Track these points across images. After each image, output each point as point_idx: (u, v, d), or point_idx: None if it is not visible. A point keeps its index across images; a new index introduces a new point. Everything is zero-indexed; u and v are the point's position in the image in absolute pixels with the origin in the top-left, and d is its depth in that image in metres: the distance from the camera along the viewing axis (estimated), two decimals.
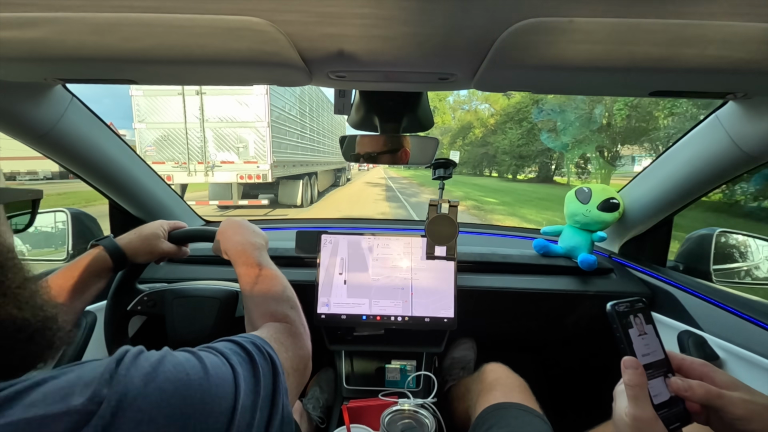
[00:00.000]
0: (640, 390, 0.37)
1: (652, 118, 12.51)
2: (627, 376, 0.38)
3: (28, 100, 0.65)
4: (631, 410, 0.37)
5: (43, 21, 0.36)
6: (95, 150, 0.84)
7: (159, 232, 0.72)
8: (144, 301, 0.79)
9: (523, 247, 1.18)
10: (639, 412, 0.36)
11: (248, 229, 0.68)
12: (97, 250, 0.65)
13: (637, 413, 0.36)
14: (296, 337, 0.51)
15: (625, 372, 0.39)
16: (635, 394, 0.37)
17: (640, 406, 0.37)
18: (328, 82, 0.52)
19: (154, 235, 0.71)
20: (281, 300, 0.56)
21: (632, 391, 0.37)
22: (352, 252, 0.99)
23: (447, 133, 38.60)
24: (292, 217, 1.54)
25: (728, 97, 0.59)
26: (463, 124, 33.88)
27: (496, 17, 0.35)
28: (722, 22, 0.34)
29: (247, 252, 0.62)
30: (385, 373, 1.02)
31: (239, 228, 0.68)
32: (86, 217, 1.11)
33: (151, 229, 0.71)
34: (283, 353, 0.45)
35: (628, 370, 0.38)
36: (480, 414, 0.75)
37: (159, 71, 0.46)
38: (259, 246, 0.65)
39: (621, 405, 0.39)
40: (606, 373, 1.18)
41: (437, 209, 0.76)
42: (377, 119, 0.66)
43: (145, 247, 0.70)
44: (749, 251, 1.12)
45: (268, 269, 0.60)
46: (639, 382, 0.38)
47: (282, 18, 0.36)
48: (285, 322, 0.52)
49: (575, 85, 0.50)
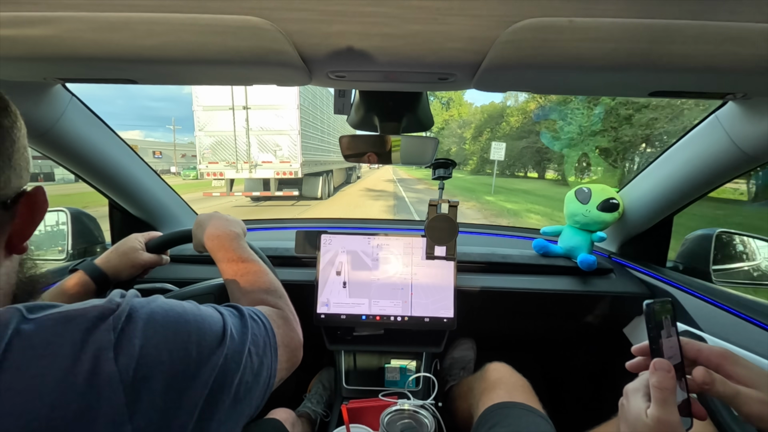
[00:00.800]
0: (670, 394, 0.36)
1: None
2: (657, 378, 0.37)
3: (28, 100, 0.65)
4: (656, 413, 0.36)
5: (42, 20, 0.36)
6: (95, 149, 0.84)
7: (136, 245, 0.72)
8: None
9: (522, 247, 1.18)
10: (666, 415, 0.36)
11: (222, 219, 0.67)
12: (77, 275, 0.65)
13: (663, 416, 0.36)
14: (287, 321, 0.52)
15: (655, 374, 0.37)
16: (664, 398, 0.36)
17: (667, 410, 0.36)
18: (328, 82, 0.52)
19: (131, 249, 0.71)
20: (269, 291, 0.56)
21: (661, 394, 0.36)
22: (351, 252, 0.99)
23: (467, 126, 35.60)
24: (292, 217, 1.54)
25: (728, 98, 0.59)
26: (490, 113, 30.74)
27: (496, 17, 0.35)
28: (722, 23, 0.34)
29: (225, 245, 0.62)
30: (384, 373, 1.02)
31: (213, 220, 0.66)
32: (86, 217, 1.11)
33: (128, 243, 0.71)
34: (275, 328, 0.47)
35: (659, 372, 0.37)
36: (483, 413, 0.75)
37: (159, 71, 0.46)
38: (236, 236, 0.64)
39: (639, 405, 0.38)
40: (605, 373, 1.18)
41: (437, 209, 0.76)
42: (377, 119, 0.66)
43: (126, 263, 0.70)
44: (749, 251, 1.12)
45: (251, 262, 0.60)
46: (669, 385, 0.37)
47: (282, 18, 0.36)
48: (276, 308, 0.53)
49: (575, 84, 0.50)
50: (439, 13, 0.35)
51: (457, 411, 0.96)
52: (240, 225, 0.68)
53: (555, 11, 0.34)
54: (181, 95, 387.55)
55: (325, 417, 1.02)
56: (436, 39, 0.38)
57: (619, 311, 1.02)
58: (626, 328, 1.05)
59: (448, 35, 0.37)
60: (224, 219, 0.67)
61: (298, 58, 0.41)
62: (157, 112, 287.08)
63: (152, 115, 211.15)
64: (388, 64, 0.42)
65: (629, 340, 1.03)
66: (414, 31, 0.37)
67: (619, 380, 0.41)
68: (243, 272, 0.58)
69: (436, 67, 0.43)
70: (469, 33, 0.37)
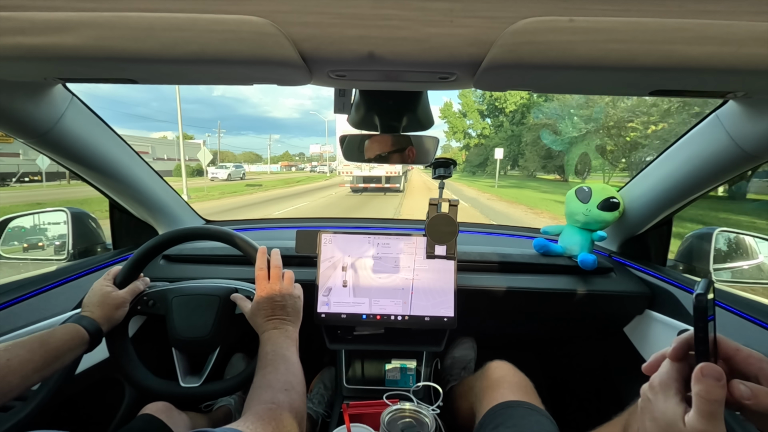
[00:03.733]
0: (719, 406, 0.31)
1: None
2: (705, 387, 0.31)
3: (28, 100, 0.65)
4: (699, 426, 0.30)
5: (43, 20, 0.36)
6: (95, 150, 0.84)
7: (105, 288, 0.73)
8: (144, 300, 0.79)
9: (523, 246, 1.18)
10: (711, 429, 0.30)
11: (284, 308, 0.70)
12: (73, 326, 0.65)
13: (709, 431, 0.30)
14: (278, 420, 0.50)
15: (702, 381, 0.31)
16: (713, 411, 0.30)
17: (714, 425, 0.30)
18: (328, 82, 0.52)
19: (104, 294, 0.72)
20: (275, 387, 0.56)
21: (709, 407, 0.31)
22: (352, 251, 0.99)
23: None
24: (292, 217, 1.54)
25: (728, 97, 0.59)
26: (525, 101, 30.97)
27: (496, 17, 0.35)
28: (723, 21, 0.34)
29: (272, 338, 0.65)
30: (385, 373, 1.02)
31: (276, 309, 0.69)
32: (86, 217, 1.11)
33: (98, 292, 0.72)
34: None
35: (707, 380, 0.31)
36: (487, 412, 0.75)
37: (159, 71, 0.46)
38: (289, 333, 0.67)
39: (673, 408, 0.33)
40: (606, 372, 1.18)
41: (437, 208, 0.76)
42: (377, 118, 0.66)
43: (109, 309, 0.71)
44: (749, 250, 1.12)
45: (281, 360, 0.61)
46: (720, 396, 0.31)
47: (282, 17, 0.36)
48: (272, 403, 0.53)
49: (576, 84, 0.50)
50: (439, 12, 0.35)
51: (458, 411, 0.96)
52: (297, 312, 0.72)
53: (555, 11, 0.34)
54: (211, 97, 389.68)
55: (326, 417, 1.02)
56: (437, 38, 0.38)
57: (619, 310, 1.02)
58: (627, 327, 1.05)
59: (449, 35, 0.37)
60: (287, 306, 0.70)
61: (299, 58, 0.41)
62: (189, 113, 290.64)
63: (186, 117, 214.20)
64: (389, 64, 0.42)
65: (630, 340, 1.03)
66: (414, 30, 0.37)
67: (620, 379, 0.41)
68: (267, 366, 0.60)
69: (437, 67, 0.43)
70: (469, 32, 0.37)
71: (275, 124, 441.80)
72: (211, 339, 0.77)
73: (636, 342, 1.01)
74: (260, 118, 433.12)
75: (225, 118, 34.94)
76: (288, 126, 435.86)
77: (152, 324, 1.01)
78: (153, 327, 1.01)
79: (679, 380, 0.34)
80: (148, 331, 1.01)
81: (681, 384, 0.34)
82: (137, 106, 28.70)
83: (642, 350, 0.99)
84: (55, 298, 0.84)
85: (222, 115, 33.50)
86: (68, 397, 0.86)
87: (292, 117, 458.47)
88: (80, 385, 0.87)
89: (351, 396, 1.00)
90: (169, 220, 1.14)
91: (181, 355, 0.80)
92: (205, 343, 0.78)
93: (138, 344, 0.80)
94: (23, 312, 0.77)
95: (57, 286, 0.86)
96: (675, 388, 0.34)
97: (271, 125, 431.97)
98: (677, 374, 0.35)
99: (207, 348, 0.78)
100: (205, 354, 0.79)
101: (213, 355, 0.79)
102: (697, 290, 0.33)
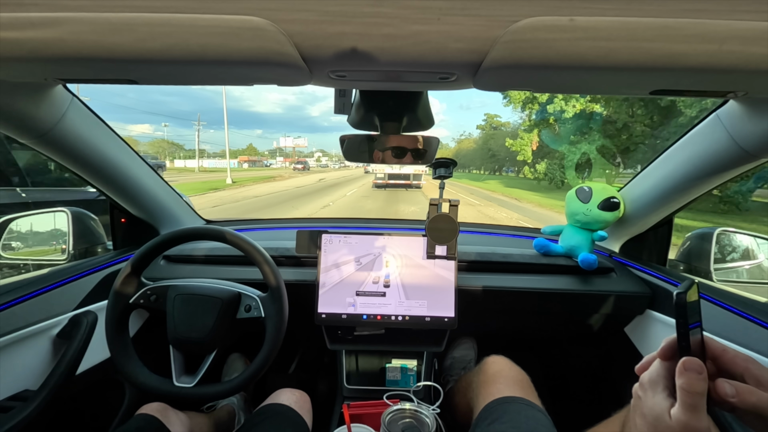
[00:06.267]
0: (701, 398, 0.32)
1: None
2: (687, 380, 0.32)
3: (29, 100, 0.65)
4: (683, 418, 0.32)
5: (43, 21, 0.36)
6: (96, 150, 0.84)
7: None
8: (146, 294, 0.79)
9: (523, 246, 1.18)
10: (696, 422, 0.32)
11: None
12: None
13: (692, 423, 0.32)
14: None
15: (684, 374, 0.33)
16: (695, 403, 0.32)
17: (697, 417, 0.32)
18: (328, 82, 0.52)
19: None
20: None
21: (691, 399, 0.32)
22: (352, 252, 0.99)
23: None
24: (292, 217, 1.54)
25: (729, 96, 0.59)
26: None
27: (496, 16, 0.35)
28: (723, 21, 0.34)
29: None
30: (385, 373, 1.02)
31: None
32: (87, 217, 1.11)
33: None
34: None
35: (689, 374, 0.33)
36: (484, 408, 0.75)
37: (160, 71, 0.46)
38: None
39: (660, 402, 0.34)
40: (607, 372, 1.18)
41: (437, 208, 0.76)
42: (377, 119, 0.66)
43: None
44: (750, 250, 1.12)
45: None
46: (701, 389, 0.32)
47: (282, 17, 0.36)
48: None
49: (576, 84, 0.50)
50: (439, 12, 0.35)
51: (456, 407, 0.96)
52: None
53: (556, 10, 0.34)
54: (190, 89, 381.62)
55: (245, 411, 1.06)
56: (437, 39, 0.38)
57: (620, 310, 1.02)
58: (627, 327, 1.05)
59: (449, 35, 0.37)
60: None
61: (299, 58, 0.41)
62: (168, 105, 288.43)
63: (164, 109, 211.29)
64: (389, 64, 0.42)
65: (630, 340, 1.03)
66: (415, 30, 0.37)
67: (621, 379, 0.41)
68: None
69: (437, 67, 0.43)
70: (469, 32, 0.37)
71: (257, 119, 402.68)
72: (209, 341, 0.77)
73: (637, 342, 1.01)
74: (242, 112, 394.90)
75: (206, 111, 33.48)
76: (270, 121, 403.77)
77: (154, 323, 1.01)
78: (155, 326, 1.01)
79: (668, 377, 0.35)
80: (150, 330, 1.01)
81: (669, 381, 0.35)
82: (114, 96, 27.94)
83: (643, 350, 0.98)
84: (55, 299, 0.84)
85: (203, 108, 32.20)
86: (68, 398, 0.86)
87: (275, 112, 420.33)
88: (80, 386, 0.87)
89: (351, 396, 1.00)
90: (169, 221, 1.14)
91: (177, 353, 0.80)
92: (203, 344, 0.77)
93: (140, 340, 0.80)
94: (23, 312, 0.77)
95: (57, 286, 0.86)
96: (662, 384, 0.35)
97: (253, 120, 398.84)
98: (666, 372, 0.36)
99: (204, 349, 0.78)
100: (202, 355, 0.79)
101: (209, 357, 0.79)
102: (678, 289, 0.35)
